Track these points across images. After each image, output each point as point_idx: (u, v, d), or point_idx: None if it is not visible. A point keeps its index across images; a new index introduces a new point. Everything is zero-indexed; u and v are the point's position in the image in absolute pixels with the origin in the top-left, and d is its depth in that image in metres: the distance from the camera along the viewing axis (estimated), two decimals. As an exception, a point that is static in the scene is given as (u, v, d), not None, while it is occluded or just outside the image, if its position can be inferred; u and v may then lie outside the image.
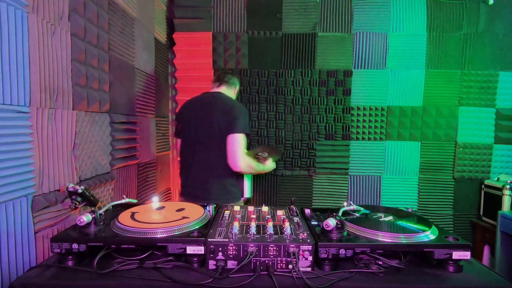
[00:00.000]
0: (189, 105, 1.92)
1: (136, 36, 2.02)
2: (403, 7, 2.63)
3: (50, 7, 1.20)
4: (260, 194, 2.74)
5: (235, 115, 1.71)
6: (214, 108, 1.77)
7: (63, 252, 0.95)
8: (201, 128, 1.79)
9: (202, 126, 1.78)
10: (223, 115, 1.73)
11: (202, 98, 1.90)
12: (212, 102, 1.82)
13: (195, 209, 1.19)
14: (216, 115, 1.74)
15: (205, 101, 1.86)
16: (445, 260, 0.97)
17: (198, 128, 1.80)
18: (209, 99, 1.85)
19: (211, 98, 1.86)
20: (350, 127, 2.70)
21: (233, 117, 1.71)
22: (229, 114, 1.72)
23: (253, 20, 2.66)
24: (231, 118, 1.71)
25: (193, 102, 1.91)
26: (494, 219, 2.26)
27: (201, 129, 1.79)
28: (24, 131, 1.09)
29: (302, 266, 0.94)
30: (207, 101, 1.84)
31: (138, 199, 2.08)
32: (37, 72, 1.14)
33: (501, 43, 2.61)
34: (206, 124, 1.76)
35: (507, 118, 2.64)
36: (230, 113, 1.72)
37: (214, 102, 1.81)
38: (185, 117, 1.89)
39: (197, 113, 1.82)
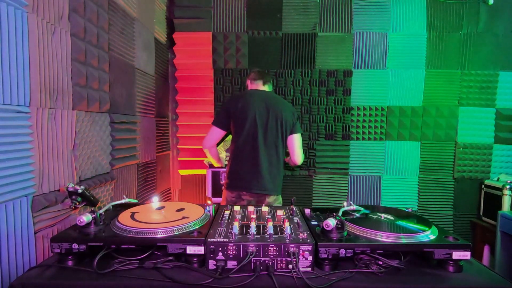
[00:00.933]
0: (247, 101, 1.89)
1: (136, 36, 2.02)
2: (403, 7, 2.63)
3: (50, 7, 1.20)
4: (260, 194, 2.74)
5: (297, 117, 1.97)
6: (283, 110, 1.91)
7: (63, 252, 0.95)
8: (269, 127, 1.88)
9: (271, 124, 1.88)
10: (290, 116, 1.92)
11: (262, 97, 1.92)
12: (279, 103, 1.93)
13: (195, 209, 1.19)
14: (286, 116, 1.90)
15: (268, 100, 1.91)
16: (445, 260, 0.97)
17: (266, 127, 1.87)
18: (273, 99, 1.93)
19: (275, 98, 1.96)
20: (350, 127, 2.70)
21: (296, 119, 1.95)
22: (294, 115, 1.94)
23: (253, 20, 2.66)
24: (295, 119, 1.94)
25: (252, 99, 1.90)
26: (494, 219, 2.26)
27: (269, 127, 1.88)
28: (24, 131, 1.09)
29: (302, 266, 0.94)
30: (272, 101, 1.92)
31: (138, 199, 2.08)
32: (37, 72, 1.14)
33: (501, 43, 2.61)
34: (276, 124, 1.89)
35: (507, 118, 2.64)
36: (294, 115, 1.94)
37: (280, 104, 1.93)
38: (245, 112, 1.87)
39: (265, 112, 1.88)
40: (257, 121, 1.87)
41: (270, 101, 1.91)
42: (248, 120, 1.87)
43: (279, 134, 1.89)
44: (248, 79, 2.07)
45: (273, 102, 1.91)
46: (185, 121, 2.71)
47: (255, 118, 1.86)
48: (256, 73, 2.04)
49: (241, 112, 1.88)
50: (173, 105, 2.82)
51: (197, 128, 2.68)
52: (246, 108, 1.88)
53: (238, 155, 1.91)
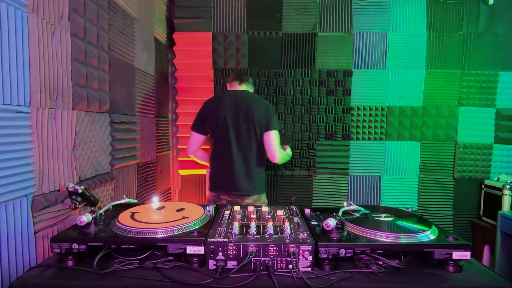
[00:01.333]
0: (219, 103, 1.92)
1: (136, 36, 2.02)
2: (403, 7, 2.63)
3: (50, 7, 1.20)
4: (260, 194, 2.74)
5: (271, 114, 1.89)
6: (255, 108, 1.87)
7: (63, 252, 0.95)
8: (242, 126, 1.86)
9: (243, 124, 1.86)
10: (262, 113, 1.86)
11: (235, 97, 1.92)
12: (251, 101, 1.90)
13: (195, 209, 1.19)
14: (258, 114, 1.86)
15: (241, 100, 1.90)
16: (445, 260, 0.97)
17: (239, 126, 1.87)
18: (245, 99, 1.91)
19: (247, 97, 1.92)
20: (350, 127, 2.70)
21: (270, 115, 1.88)
22: (267, 112, 1.87)
23: (253, 20, 2.66)
24: (269, 116, 1.87)
25: (225, 100, 1.91)
26: (494, 219, 2.26)
27: (242, 127, 1.86)
28: (24, 131, 1.09)
29: (302, 266, 0.94)
30: (244, 100, 1.89)
31: (138, 199, 2.08)
32: (37, 72, 1.14)
33: (501, 43, 2.61)
34: (248, 123, 1.86)
35: (507, 118, 2.64)
36: (268, 112, 1.88)
37: (252, 101, 1.90)
38: (218, 114, 1.88)
39: (236, 112, 1.87)
40: (228, 122, 1.86)
41: (242, 100, 1.89)
42: (220, 122, 1.88)
43: (252, 133, 1.86)
44: (227, 82, 2.07)
45: (244, 102, 1.88)
46: (185, 121, 2.71)
47: (226, 119, 1.86)
48: (233, 74, 2.06)
49: (213, 114, 1.90)
50: (173, 105, 2.82)
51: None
52: (217, 110, 1.89)
53: (215, 157, 1.95)
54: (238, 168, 1.87)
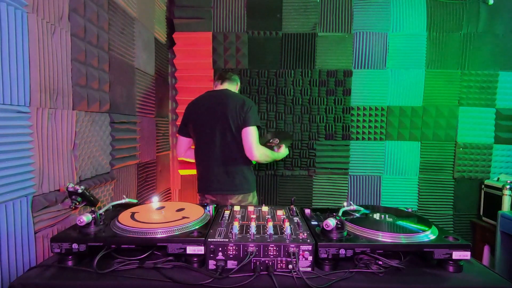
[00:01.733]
0: (197, 104, 1.93)
1: (136, 36, 2.02)
2: (403, 7, 2.63)
3: (50, 7, 1.20)
4: (260, 194, 2.74)
5: (247, 109, 1.82)
6: (227, 105, 1.84)
7: (63, 252, 0.95)
8: (217, 125, 1.84)
9: (218, 122, 1.84)
10: (237, 110, 1.82)
11: (211, 96, 1.93)
12: (224, 98, 1.87)
13: (195, 209, 1.19)
14: (231, 111, 1.82)
15: (216, 98, 1.89)
16: (445, 260, 0.97)
17: (214, 125, 1.85)
18: (220, 97, 1.89)
19: (222, 95, 1.90)
20: (350, 127, 2.70)
21: (246, 112, 1.82)
22: (242, 109, 1.82)
23: (253, 20, 2.66)
24: (244, 112, 1.81)
25: (202, 100, 1.93)
26: (494, 219, 2.26)
27: (217, 125, 1.84)
28: (24, 131, 1.09)
29: (302, 266, 0.94)
30: (218, 99, 1.89)
31: (138, 199, 2.08)
32: (37, 72, 1.14)
33: (501, 43, 2.61)
34: (222, 121, 1.83)
35: (507, 118, 2.64)
36: (243, 108, 1.82)
37: (226, 99, 1.87)
38: (196, 115, 1.90)
39: (211, 111, 1.86)
40: (205, 123, 1.86)
41: (217, 100, 1.88)
42: (198, 123, 1.88)
43: (228, 131, 1.82)
44: None
45: (220, 100, 1.86)
46: (185, 121, 2.70)
47: (203, 119, 1.87)
48: (217, 74, 2.07)
49: (193, 116, 1.91)
50: (173, 105, 2.82)
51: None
52: (197, 112, 1.90)
53: (197, 158, 1.96)
54: (216, 167, 1.86)
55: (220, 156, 1.86)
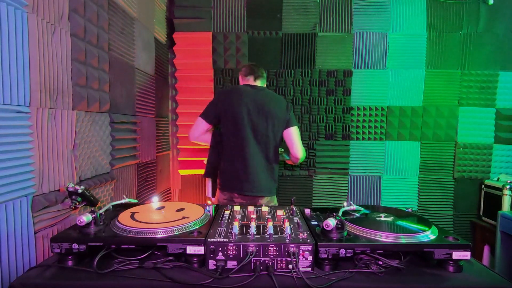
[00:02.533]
0: (236, 97, 1.84)
1: (136, 36, 2.02)
2: (403, 7, 2.63)
3: (50, 7, 1.20)
4: (260, 194, 2.74)
5: (291, 110, 1.89)
6: (273, 105, 1.84)
7: (63, 252, 0.95)
8: (260, 124, 1.82)
9: (261, 122, 1.82)
10: (282, 111, 1.86)
11: (252, 93, 1.85)
12: (269, 99, 1.87)
13: (195, 209, 1.19)
14: (277, 112, 1.84)
15: (260, 97, 1.85)
16: (445, 260, 0.97)
17: (257, 124, 1.82)
18: (262, 95, 1.86)
19: (264, 94, 1.89)
20: (350, 127, 2.70)
21: (289, 112, 1.88)
22: (287, 109, 1.87)
23: (253, 20, 2.66)
24: (288, 114, 1.87)
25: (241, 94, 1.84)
26: (494, 219, 2.26)
27: (260, 124, 1.82)
28: (24, 131, 1.09)
29: (302, 266, 0.94)
30: (261, 97, 1.85)
31: (138, 199, 2.08)
32: (37, 72, 1.14)
33: (501, 43, 2.61)
34: (266, 121, 1.82)
35: (507, 118, 2.64)
36: (287, 109, 1.88)
37: (271, 99, 1.87)
38: (234, 110, 1.81)
39: (254, 109, 1.81)
40: (246, 121, 1.80)
41: (260, 98, 1.84)
42: (237, 119, 1.81)
43: (269, 133, 1.83)
44: (240, 74, 2.02)
45: (263, 99, 1.84)
46: (185, 121, 2.70)
47: (244, 117, 1.80)
48: (247, 68, 1.98)
49: (230, 110, 1.82)
50: (173, 105, 2.82)
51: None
52: (235, 106, 1.81)
53: (228, 156, 1.86)
54: (255, 167, 1.81)
55: (258, 158, 1.83)
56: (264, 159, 1.85)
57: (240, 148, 1.82)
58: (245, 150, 1.81)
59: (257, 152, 1.83)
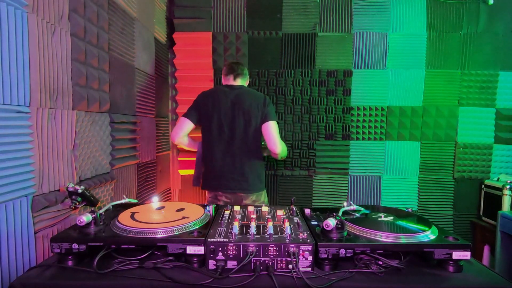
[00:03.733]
0: (214, 96, 1.90)
1: (136, 36, 2.02)
2: (403, 7, 2.63)
3: (50, 7, 1.20)
4: (260, 194, 2.74)
5: (268, 105, 1.89)
6: (249, 102, 1.86)
7: (63, 252, 0.95)
8: (237, 122, 1.85)
9: (238, 119, 1.85)
10: (258, 107, 1.86)
11: (230, 93, 1.90)
12: (245, 96, 1.89)
13: (195, 209, 1.19)
14: (253, 108, 1.85)
15: (235, 95, 1.88)
16: (445, 260, 0.97)
17: (234, 122, 1.85)
18: (239, 94, 1.89)
19: (241, 92, 1.90)
20: (350, 127, 2.70)
21: (267, 107, 1.88)
22: (264, 105, 1.88)
23: (253, 20, 2.66)
24: (266, 108, 1.88)
25: (219, 94, 1.90)
26: (494, 219, 2.26)
27: (237, 122, 1.85)
28: (24, 131, 1.09)
29: (302, 266, 0.94)
30: (238, 95, 1.88)
31: (138, 199, 2.08)
32: (37, 72, 1.14)
33: (501, 43, 2.61)
34: (243, 118, 1.85)
35: (507, 118, 2.64)
36: (264, 105, 1.88)
37: (246, 96, 1.89)
38: (212, 108, 1.87)
39: (231, 107, 1.86)
40: (223, 120, 1.85)
41: (237, 97, 1.88)
42: (214, 119, 1.86)
43: (248, 130, 1.85)
44: (222, 74, 2.04)
45: (239, 98, 1.87)
46: (185, 121, 2.70)
47: (220, 116, 1.86)
48: (227, 67, 2.01)
49: (209, 111, 1.88)
50: (173, 105, 2.82)
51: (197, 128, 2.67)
52: (212, 107, 1.87)
53: (209, 155, 1.92)
54: (235, 165, 1.86)
55: (237, 155, 1.86)
56: (246, 156, 1.88)
57: (220, 148, 1.88)
58: (223, 149, 1.87)
59: (235, 150, 1.87)
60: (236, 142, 1.86)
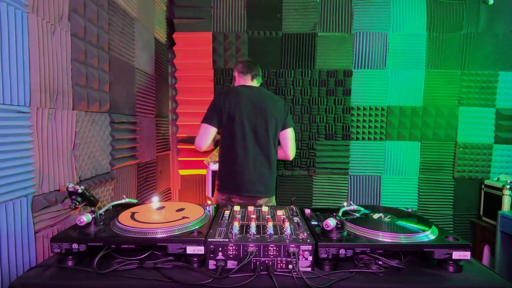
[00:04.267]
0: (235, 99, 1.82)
1: (136, 36, 2.02)
2: (403, 7, 2.63)
3: (50, 7, 1.20)
4: (260, 194, 2.74)
5: (287, 111, 1.91)
6: (271, 106, 1.85)
7: (63, 252, 0.95)
8: (259, 125, 1.82)
9: (260, 123, 1.82)
10: (281, 112, 1.87)
11: (250, 94, 1.85)
12: (268, 99, 1.88)
13: (195, 209, 1.19)
14: (276, 112, 1.85)
15: (256, 97, 1.85)
16: (445, 260, 0.97)
17: (256, 125, 1.82)
18: (260, 96, 1.87)
19: (262, 94, 1.89)
20: (350, 127, 2.70)
21: (287, 113, 1.89)
22: (284, 110, 1.89)
23: (253, 20, 2.66)
24: (285, 114, 1.89)
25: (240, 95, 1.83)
26: (494, 219, 2.26)
27: (259, 126, 1.82)
28: (24, 131, 1.09)
29: (302, 266, 0.94)
30: (259, 97, 1.85)
31: (138, 199, 2.08)
32: (37, 72, 1.14)
33: (501, 43, 2.61)
34: (265, 122, 1.82)
35: (507, 118, 2.64)
36: (284, 110, 1.89)
37: (269, 100, 1.87)
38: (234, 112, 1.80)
39: (253, 110, 1.82)
40: (245, 122, 1.80)
41: (259, 99, 1.84)
42: (236, 121, 1.80)
43: (269, 133, 1.83)
44: (235, 70, 1.98)
45: (261, 100, 1.84)
46: (185, 121, 2.71)
47: (243, 118, 1.80)
48: (244, 65, 1.95)
49: (228, 112, 1.81)
50: (173, 105, 2.82)
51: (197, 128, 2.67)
52: (233, 108, 1.80)
53: (227, 157, 1.85)
54: (253, 168, 1.82)
55: (256, 158, 1.83)
56: (264, 159, 1.84)
57: (239, 149, 1.81)
58: (244, 151, 1.81)
59: (256, 153, 1.83)
60: (257, 145, 1.82)
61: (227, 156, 1.85)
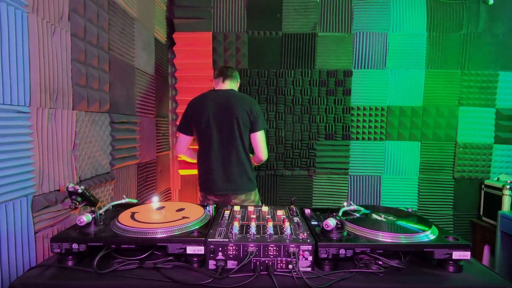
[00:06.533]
0: (202, 103, 1.92)
1: (136, 36, 2.02)
2: (403, 7, 2.63)
3: (50, 7, 1.20)
4: (260, 194, 2.74)
5: (257, 113, 1.90)
6: (236, 107, 1.87)
7: (63, 252, 0.95)
8: (224, 127, 1.87)
9: (225, 124, 1.87)
10: (247, 113, 1.87)
11: (217, 96, 1.92)
12: (232, 100, 1.89)
13: (195, 209, 1.19)
14: (240, 113, 1.86)
15: (222, 99, 1.90)
16: (445, 260, 0.97)
17: (221, 127, 1.87)
18: (227, 98, 1.90)
19: (229, 96, 1.92)
20: (350, 127, 2.70)
21: (255, 116, 1.89)
22: (252, 113, 1.89)
23: (253, 20, 2.66)
24: (254, 116, 1.89)
25: (207, 100, 1.92)
26: (494, 219, 2.26)
27: (224, 127, 1.87)
28: (24, 131, 1.09)
29: (302, 266, 0.94)
30: (225, 100, 1.90)
31: (138, 199, 2.08)
32: (37, 72, 1.14)
33: (501, 43, 2.61)
34: (230, 123, 1.86)
35: (507, 118, 2.64)
36: (252, 112, 1.89)
37: (234, 100, 1.89)
38: (201, 115, 1.89)
39: (218, 112, 1.88)
40: (212, 124, 1.87)
41: (224, 100, 1.89)
42: (202, 123, 1.88)
43: (236, 132, 1.87)
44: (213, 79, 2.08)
45: (227, 101, 1.89)
46: (185, 121, 2.70)
47: (209, 120, 1.87)
48: (218, 70, 2.04)
49: (197, 115, 1.90)
50: (173, 105, 2.82)
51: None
52: (201, 111, 1.89)
53: (200, 158, 1.97)
54: (222, 167, 1.89)
55: (225, 157, 1.89)
56: (234, 158, 1.89)
57: (207, 151, 1.91)
58: (211, 153, 1.89)
59: (224, 152, 1.89)
60: (225, 145, 1.88)
61: (200, 158, 1.97)
